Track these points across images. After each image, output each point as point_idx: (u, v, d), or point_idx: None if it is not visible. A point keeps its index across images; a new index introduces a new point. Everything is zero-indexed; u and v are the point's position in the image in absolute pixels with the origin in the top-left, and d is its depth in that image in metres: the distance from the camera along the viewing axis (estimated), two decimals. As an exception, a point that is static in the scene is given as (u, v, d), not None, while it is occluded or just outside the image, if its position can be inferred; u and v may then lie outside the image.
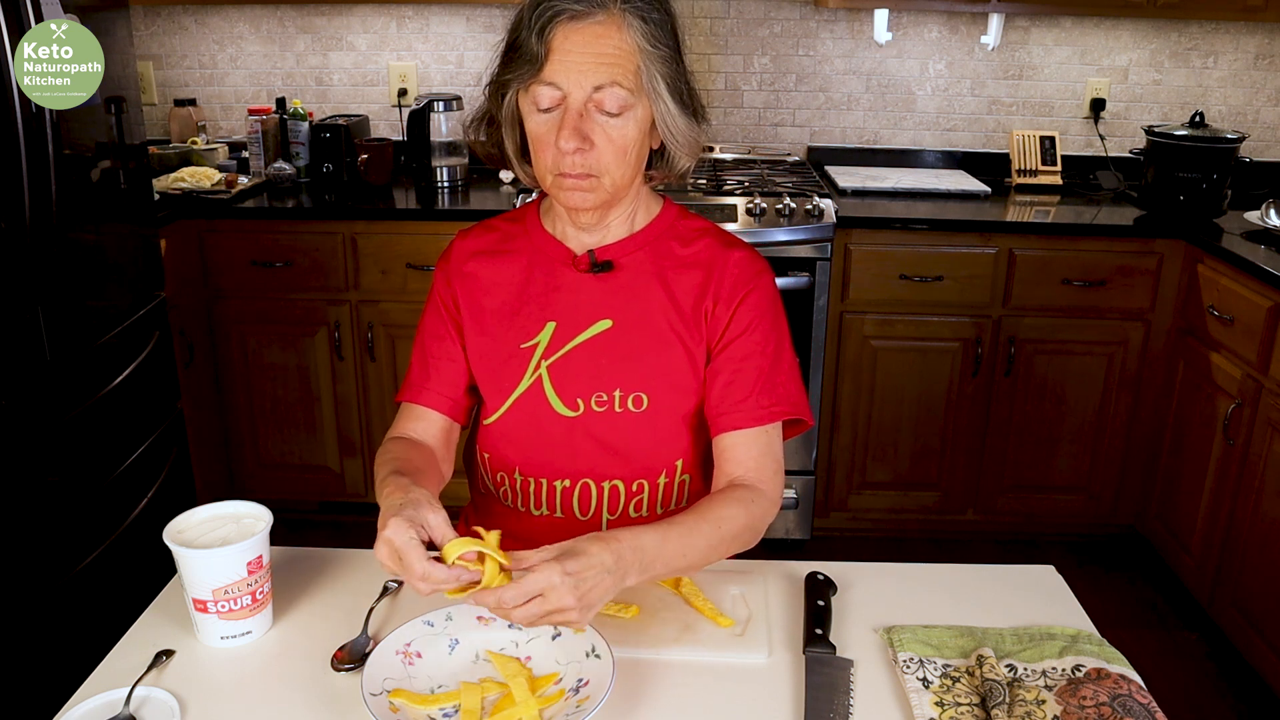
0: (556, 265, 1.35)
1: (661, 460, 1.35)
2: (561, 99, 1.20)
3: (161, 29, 3.44)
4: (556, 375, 1.33)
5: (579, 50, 1.19)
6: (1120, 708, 1.03)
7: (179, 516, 1.17)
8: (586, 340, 1.33)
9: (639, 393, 1.32)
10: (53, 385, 2.13)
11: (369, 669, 1.06)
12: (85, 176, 2.28)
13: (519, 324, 1.35)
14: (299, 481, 3.18)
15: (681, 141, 1.28)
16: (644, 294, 1.33)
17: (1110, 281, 2.88)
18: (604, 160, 1.23)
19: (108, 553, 2.26)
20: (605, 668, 1.05)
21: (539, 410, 1.33)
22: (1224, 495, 2.61)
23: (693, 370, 1.33)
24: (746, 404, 1.30)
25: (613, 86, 1.20)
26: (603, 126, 1.22)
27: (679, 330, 1.32)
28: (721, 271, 1.33)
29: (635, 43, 1.20)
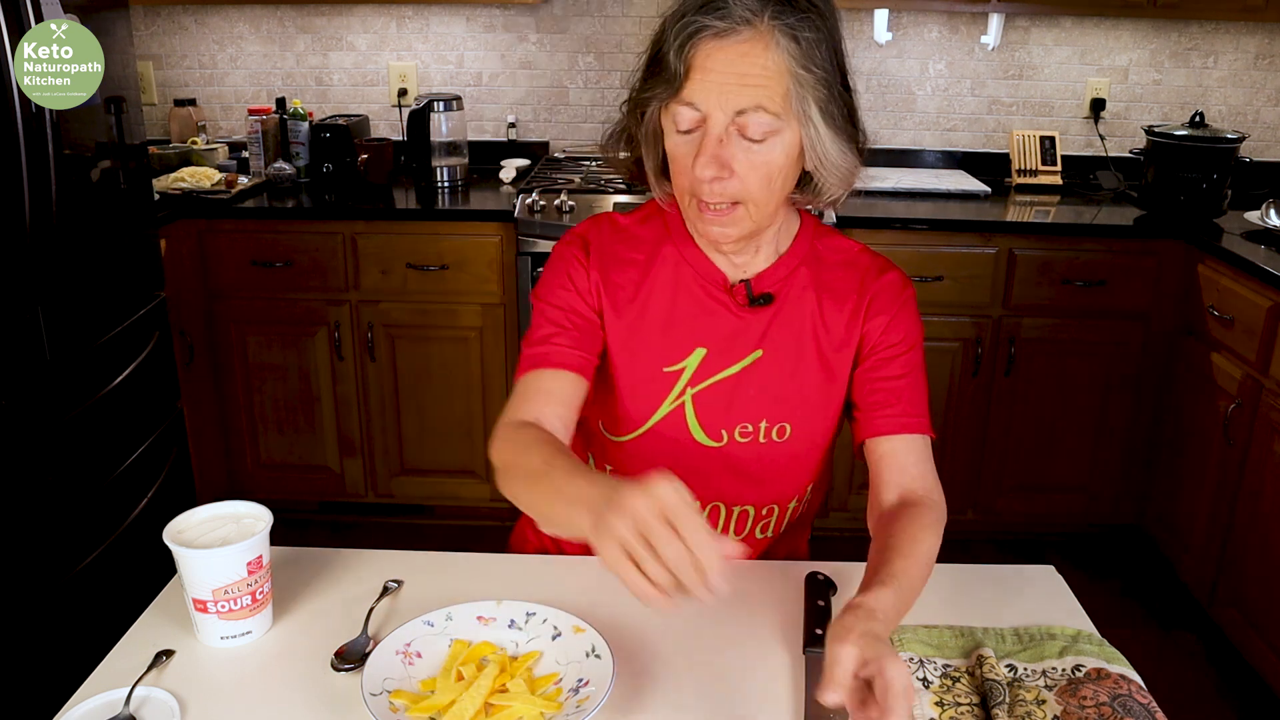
0: (710, 288, 1.27)
1: (796, 486, 1.34)
2: (701, 120, 1.12)
3: (161, 29, 3.44)
4: (701, 404, 1.27)
5: (721, 70, 1.09)
6: (1120, 708, 1.03)
7: (179, 516, 1.17)
8: (737, 372, 1.27)
9: (784, 423, 1.28)
10: (53, 385, 2.13)
11: (369, 669, 1.06)
12: (85, 176, 2.28)
13: (666, 344, 1.27)
14: (299, 481, 3.18)
15: (831, 169, 1.17)
16: (797, 321, 1.28)
17: (1110, 281, 2.88)
18: (746, 188, 1.14)
19: (108, 553, 2.26)
20: (605, 668, 1.05)
21: (679, 437, 1.28)
22: (1224, 495, 2.61)
23: (836, 394, 1.29)
24: (913, 410, 1.27)
25: (757, 111, 1.10)
26: (745, 153, 1.12)
27: (826, 354, 1.28)
28: (874, 294, 1.29)
29: (785, 64, 1.09)
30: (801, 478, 1.34)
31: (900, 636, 1.16)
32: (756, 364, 1.27)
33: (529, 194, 2.87)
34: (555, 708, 1.02)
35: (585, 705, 1.01)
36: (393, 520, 3.20)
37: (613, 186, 2.95)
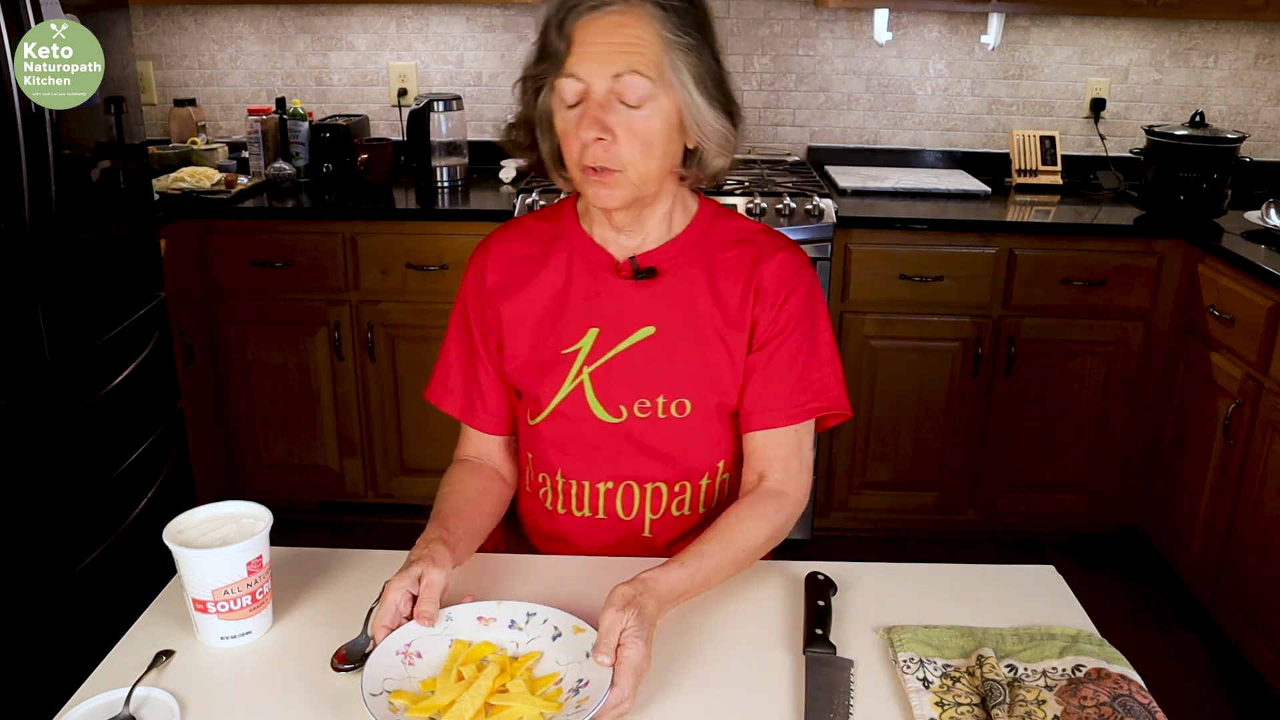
0: (598, 270, 1.35)
1: (704, 462, 1.37)
2: (584, 91, 1.21)
3: (161, 29, 3.44)
4: (599, 382, 1.33)
5: (598, 40, 1.20)
6: (1121, 708, 1.03)
7: (179, 517, 1.17)
8: (629, 347, 1.33)
9: (682, 399, 1.32)
10: (53, 385, 2.13)
11: (369, 669, 1.05)
12: (85, 176, 2.28)
13: (560, 329, 1.34)
14: (299, 482, 3.18)
15: (710, 136, 1.26)
16: (687, 299, 1.33)
17: (1110, 281, 2.88)
18: (627, 153, 1.22)
19: (108, 553, 2.26)
20: (604, 670, 1.05)
21: (581, 416, 1.34)
22: (1224, 495, 2.61)
23: (734, 372, 1.33)
24: (779, 403, 1.32)
25: (631, 74, 1.19)
26: (625, 118, 1.21)
27: (722, 333, 1.32)
28: (764, 274, 1.33)
29: (656, 31, 1.20)
30: (710, 453, 1.37)
31: (900, 636, 1.16)
32: (649, 340, 1.32)
33: (529, 194, 2.87)
34: (555, 708, 1.02)
35: (585, 705, 1.01)
36: (393, 520, 3.20)
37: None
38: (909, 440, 3.06)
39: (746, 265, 1.34)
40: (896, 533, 3.21)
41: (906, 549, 3.17)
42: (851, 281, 2.90)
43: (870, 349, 2.96)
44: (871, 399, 3.02)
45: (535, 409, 1.36)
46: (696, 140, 1.27)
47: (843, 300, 2.92)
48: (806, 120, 3.49)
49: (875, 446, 3.07)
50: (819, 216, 2.79)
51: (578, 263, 1.36)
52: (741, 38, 3.40)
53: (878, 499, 3.13)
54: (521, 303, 1.36)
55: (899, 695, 1.08)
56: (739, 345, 1.32)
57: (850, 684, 1.09)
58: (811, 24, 3.38)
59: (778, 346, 1.32)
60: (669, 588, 1.13)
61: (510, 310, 1.36)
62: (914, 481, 3.10)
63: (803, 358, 1.33)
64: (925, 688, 1.08)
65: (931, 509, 3.13)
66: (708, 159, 1.30)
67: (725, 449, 1.38)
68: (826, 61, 3.42)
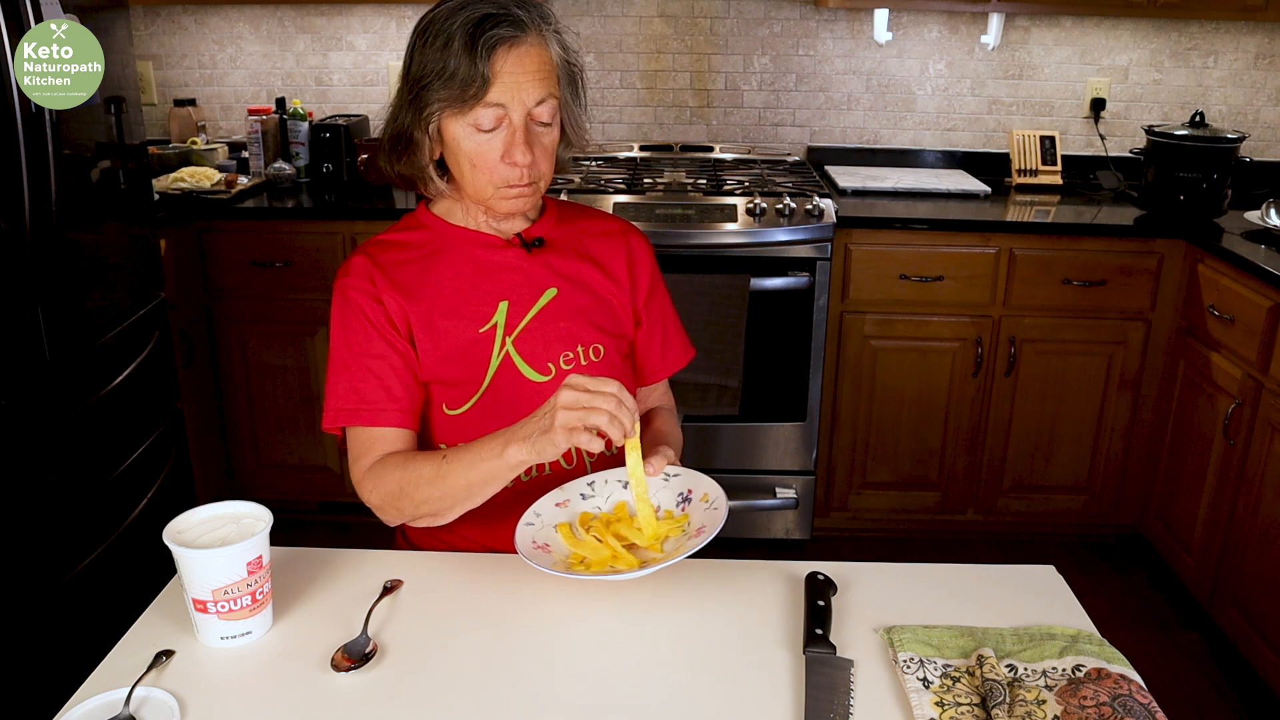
0: (491, 251, 1.45)
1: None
2: (502, 117, 1.32)
3: (161, 29, 3.44)
4: (523, 347, 1.43)
5: (518, 71, 1.31)
6: (1121, 708, 1.03)
7: (179, 517, 1.17)
8: (541, 309, 1.44)
9: (597, 344, 1.47)
10: (53, 385, 2.13)
11: (525, 551, 1.23)
12: (85, 176, 2.28)
13: (470, 312, 1.42)
14: (298, 481, 3.18)
15: (582, 136, 1.46)
16: (573, 262, 1.49)
17: (1110, 281, 2.88)
18: (542, 166, 1.38)
19: (108, 553, 2.26)
20: (691, 477, 1.32)
21: (514, 384, 1.42)
22: (1224, 495, 2.61)
23: (627, 320, 1.52)
24: (672, 355, 1.60)
25: (549, 100, 1.34)
26: (539, 137, 1.36)
27: (609, 289, 1.50)
28: (629, 240, 1.55)
29: (557, 59, 1.35)
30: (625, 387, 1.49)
31: (900, 636, 1.16)
32: (555, 300, 1.45)
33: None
34: (683, 519, 1.30)
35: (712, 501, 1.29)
36: (393, 520, 3.20)
37: (612, 186, 2.95)
38: (909, 440, 3.06)
39: (614, 232, 1.55)
40: (896, 533, 3.21)
41: (906, 549, 3.17)
42: (851, 281, 2.90)
43: (870, 349, 2.96)
44: (871, 399, 3.02)
45: (461, 396, 1.41)
46: (574, 142, 1.45)
47: (843, 300, 2.92)
48: (806, 120, 3.49)
49: (875, 447, 3.07)
50: (819, 216, 2.79)
51: (468, 250, 1.45)
52: (741, 37, 3.40)
53: (878, 499, 3.13)
54: (423, 299, 1.41)
55: (899, 695, 1.08)
56: (622, 295, 1.52)
57: (850, 684, 1.09)
58: (811, 24, 3.38)
59: (658, 306, 1.57)
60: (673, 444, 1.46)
61: (414, 309, 1.40)
62: (914, 481, 3.11)
63: (671, 314, 1.60)
64: (925, 688, 1.08)
65: (931, 509, 3.13)
66: (567, 154, 1.46)
67: (630, 383, 1.53)
68: (826, 61, 3.42)
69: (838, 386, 3.01)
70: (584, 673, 1.11)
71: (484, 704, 1.06)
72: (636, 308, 1.54)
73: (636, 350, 1.56)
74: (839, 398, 3.02)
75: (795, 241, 2.79)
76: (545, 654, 1.14)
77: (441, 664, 1.12)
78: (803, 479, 3.01)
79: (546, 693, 1.08)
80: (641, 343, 1.56)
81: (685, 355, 1.62)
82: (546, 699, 1.07)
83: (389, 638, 1.16)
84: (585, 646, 1.15)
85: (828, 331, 2.89)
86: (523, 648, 1.15)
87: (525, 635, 1.17)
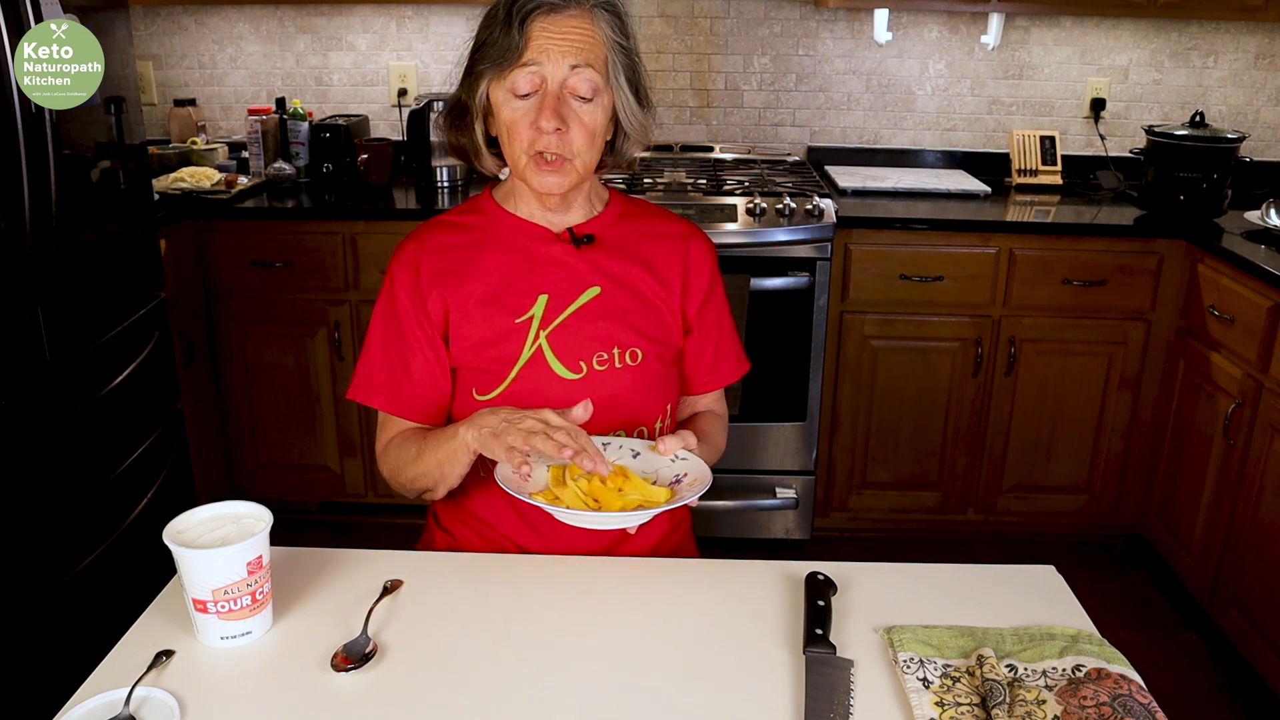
0: (538, 243, 1.45)
1: (657, 407, 1.49)
2: (540, 84, 1.32)
3: (161, 29, 3.44)
4: (556, 342, 1.41)
5: (556, 36, 1.31)
6: (1120, 708, 1.03)
7: (179, 517, 1.17)
8: (580, 307, 1.43)
9: (634, 348, 1.43)
10: (52, 385, 2.13)
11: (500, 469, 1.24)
12: (85, 176, 2.28)
13: (509, 301, 1.41)
14: (299, 481, 3.18)
15: (638, 130, 1.41)
16: (623, 262, 1.46)
17: (1110, 281, 2.88)
18: (576, 143, 1.34)
19: (107, 553, 2.26)
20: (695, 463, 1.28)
21: (543, 378, 1.41)
22: (1224, 495, 2.61)
23: (674, 326, 1.49)
24: (724, 367, 1.56)
25: (586, 69, 1.32)
26: (576, 111, 1.33)
27: (658, 293, 1.47)
28: (690, 245, 1.51)
29: (604, 34, 1.33)
30: (661, 396, 1.49)
31: (900, 636, 1.16)
32: (597, 299, 1.43)
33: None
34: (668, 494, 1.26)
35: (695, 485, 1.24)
36: (393, 520, 3.20)
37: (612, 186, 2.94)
38: (909, 440, 3.06)
39: (675, 236, 1.51)
40: (896, 533, 3.21)
41: (906, 549, 3.17)
42: (851, 281, 2.90)
43: (870, 349, 2.96)
44: (871, 399, 3.02)
45: (492, 382, 1.41)
46: (627, 132, 1.41)
47: (843, 300, 2.92)
48: (806, 120, 3.49)
49: (875, 447, 3.07)
50: (819, 216, 2.79)
51: (516, 240, 1.45)
52: (741, 37, 3.40)
53: (878, 499, 3.13)
54: (466, 286, 1.42)
55: (899, 695, 1.08)
56: (674, 302, 1.48)
57: (850, 684, 1.09)
58: (811, 24, 3.38)
59: (714, 316, 1.53)
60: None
61: (455, 294, 1.42)
62: (914, 481, 3.11)
63: (728, 324, 1.56)
64: (925, 688, 1.08)
65: (931, 509, 3.13)
66: (626, 149, 1.44)
67: (669, 393, 1.51)
68: (826, 61, 3.42)
69: (838, 386, 3.01)
70: (584, 672, 1.11)
71: (484, 704, 1.06)
72: (688, 315, 1.50)
73: (686, 359, 1.53)
74: (839, 398, 3.02)
75: (795, 241, 2.79)
76: (545, 654, 1.14)
77: (442, 664, 1.12)
78: (803, 479, 3.01)
79: (546, 692, 1.08)
80: (691, 351, 1.53)
81: (739, 368, 1.58)
82: (547, 699, 1.07)
83: (389, 638, 1.16)
84: (585, 646, 1.15)
85: (828, 331, 2.89)
86: (523, 648, 1.15)
87: (525, 635, 1.17)
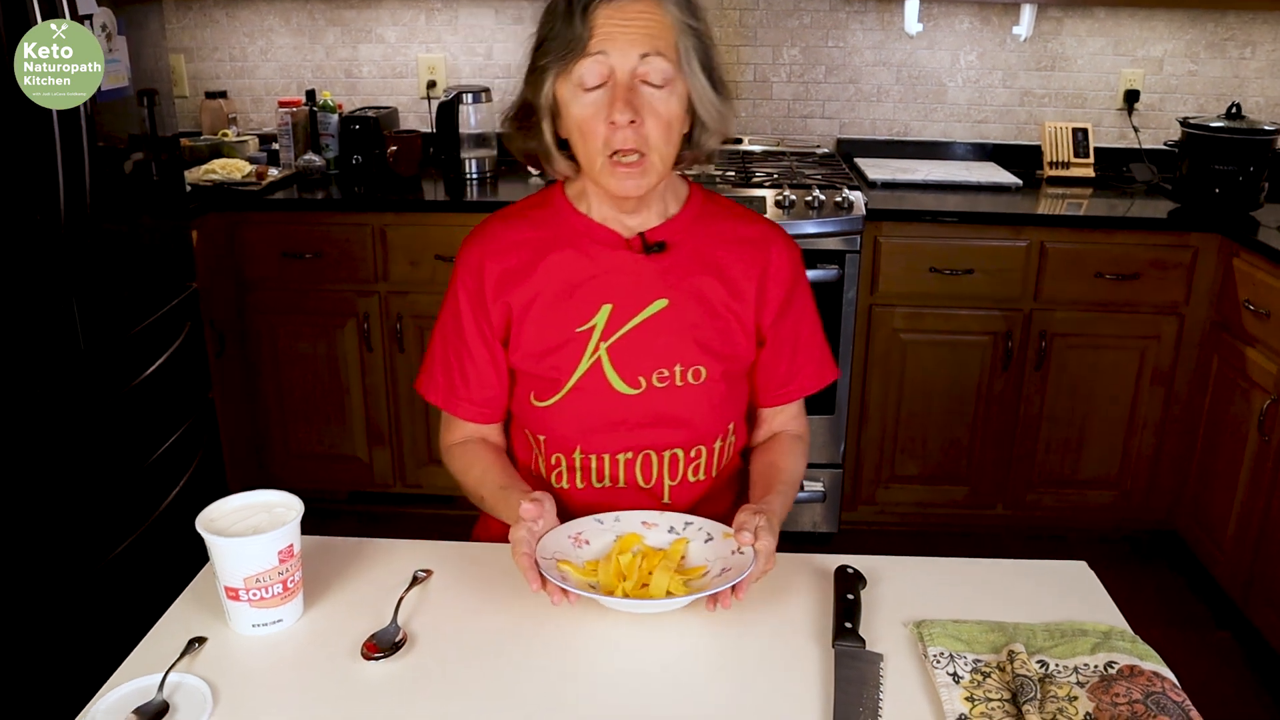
0: (606, 249, 1.37)
1: (718, 425, 1.41)
2: (609, 74, 1.24)
3: (193, 22, 3.47)
4: (616, 356, 1.35)
5: (622, 22, 1.23)
6: (1154, 705, 1.02)
7: (211, 505, 1.18)
8: (645, 320, 1.35)
9: (697, 366, 1.36)
10: (87, 374, 2.15)
11: (543, 545, 1.20)
12: (118, 168, 2.30)
13: (571, 309, 1.36)
14: (328, 471, 3.20)
15: (715, 120, 1.32)
16: (695, 272, 1.37)
17: (1144, 275, 2.84)
18: (652, 136, 1.26)
19: (141, 539, 2.29)
20: (746, 560, 1.17)
21: (599, 391, 1.36)
22: (1258, 492, 2.57)
23: (745, 340, 1.40)
24: (800, 380, 1.46)
25: (657, 56, 1.23)
26: (649, 101, 1.25)
27: (730, 305, 1.38)
28: (769, 251, 1.40)
29: (673, 18, 1.25)
30: (723, 416, 1.42)
31: (930, 631, 1.15)
32: (663, 312, 1.36)
33: (557, 186, 2.87)
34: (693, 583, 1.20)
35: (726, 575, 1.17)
36: (421, 510, 3.22)
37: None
38: (937, 434, 3.04)
39: (753, 240, 1.41)
40: (924, 527, 3.19)
41: (934, 543, 3.15)
42: (881, 274, 2.88)
43: (899, 342, 2.95)
44: (900, 393, 3.00)
45: (549, 390, 1.37)
46: (704, 121, 1.32)
47: (872, 293, 2.90)
48: (836, 112, 3.47)
49: (903, 440, 3.05)
50: (848, 209, 2.77)
51: (583, 243, 1.37)
52: (771, 29, 3.38)
53: (905, 493, 3.12)
54: (529, 288, 1.37)
55: (929, 690, 1.07)
56: (746, 315, 1.39)
57: (879, 678, 1.09)
58: (841, 15, 3.36)
59: (793, 325, 1.43)
60: (776, 511, 1.29)
61: (518, 297, 1.37)
62: (942, 476, 3.09)
63: (807, 334, 1.46)
64: (955, 683, 1.07)
65: (959, 503, 3.11)
66: (704, 140, 1.35)
67: (734, 410, 1.44)
68: (856, 53, 3.39)
69: (866, 380, 2.99)
70: (612, 664, 1.11)
71: (512, 693, 1.06)
72: (761, 328, 1.41)
73: (758, 371, 1.45)
74: (868, 391, 3.01)
75: (824, 234, 2.78)
76: (573, 645, 1.14)
77: (470, 654, 1.12)
78: (831, 472, 3.00)
79: (574, 683, 1.08)
80: (764, 364, 1.44)
81: (819, 379, 1.47)
82: (574, 689, 1.07)
83: (419, 627, 1.17)
84: (613, 638, 1.15)
85: (856, 324, 2.87)
86: (550, 638, 1.15)
87: (553, 626, 1.17)
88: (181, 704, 1.04)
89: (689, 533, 1.28)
